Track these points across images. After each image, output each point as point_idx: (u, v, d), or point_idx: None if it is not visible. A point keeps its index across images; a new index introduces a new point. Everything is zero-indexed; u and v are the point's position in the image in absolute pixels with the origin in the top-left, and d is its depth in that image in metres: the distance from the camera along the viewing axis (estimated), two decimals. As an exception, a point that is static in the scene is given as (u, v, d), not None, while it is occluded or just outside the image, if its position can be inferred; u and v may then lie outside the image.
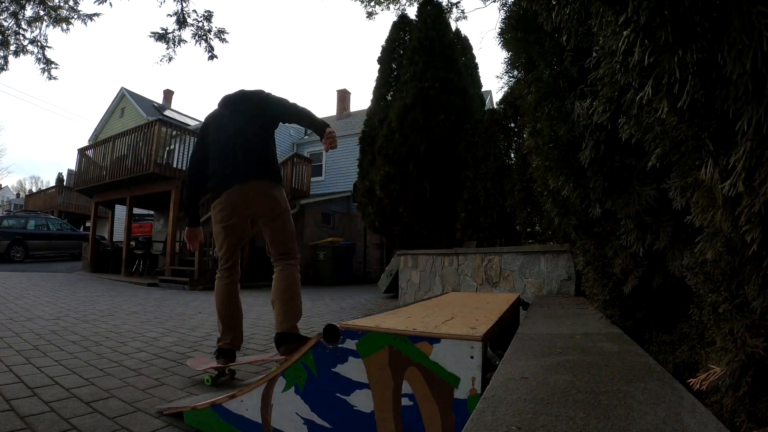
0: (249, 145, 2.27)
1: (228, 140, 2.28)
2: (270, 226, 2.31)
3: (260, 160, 2.29)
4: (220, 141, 2.32)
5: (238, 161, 2.23)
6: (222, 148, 2.29)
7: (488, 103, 11.63)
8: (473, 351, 1.10)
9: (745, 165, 0.61)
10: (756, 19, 0.54)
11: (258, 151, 2.30)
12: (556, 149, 1.49)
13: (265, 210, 2.28)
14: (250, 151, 2.27)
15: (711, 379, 0.80)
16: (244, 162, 2.23)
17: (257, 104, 2.38)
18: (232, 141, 2.27)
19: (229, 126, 2.33)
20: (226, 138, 2.30)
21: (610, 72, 0.91)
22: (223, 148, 2.29)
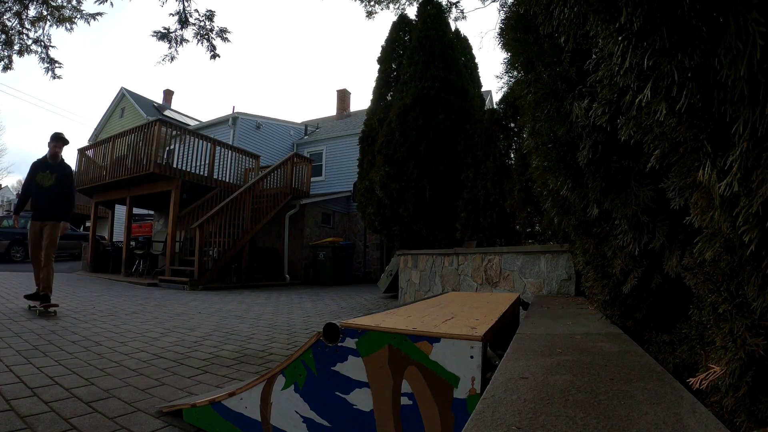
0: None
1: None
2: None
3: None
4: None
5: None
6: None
7: (488, 103, 11.64)
8: (473, 351, 1.10)
9: (741, 166, 0.61)
10: (751, 25, 0.54)
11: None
12: (555, 149, 1.50)
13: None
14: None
15: (711, 379, 0.81)
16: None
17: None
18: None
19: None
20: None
21: (609, 74, 0.92)
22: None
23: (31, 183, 4.37)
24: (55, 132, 4.47)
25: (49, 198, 4.29)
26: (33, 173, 4.37)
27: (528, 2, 1.30)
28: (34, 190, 4.33)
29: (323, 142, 15.16)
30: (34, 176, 4.34)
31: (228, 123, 14.56)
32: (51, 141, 4.42)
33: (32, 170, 4.39)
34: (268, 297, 6.87)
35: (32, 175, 4.37)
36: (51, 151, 4.39)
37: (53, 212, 4.28)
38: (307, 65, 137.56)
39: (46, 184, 4.29)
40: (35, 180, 4.31)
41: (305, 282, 10.52)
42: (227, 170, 10.37)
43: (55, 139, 4.43)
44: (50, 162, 4.36)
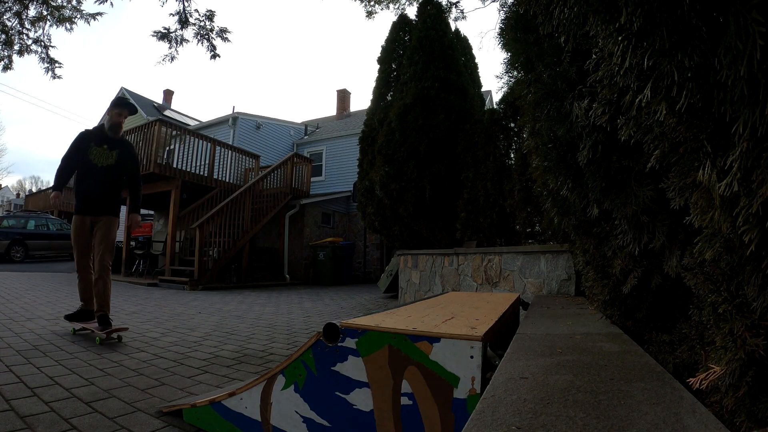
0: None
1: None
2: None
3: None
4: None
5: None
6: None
7: (488, 103, 11.64)
8: (473, 351, 1.10)
9: (741, 166, 0.61)
10: (751, 25, 0.54)
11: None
12: (555, 149, 1.50)
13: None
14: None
15: (711, 379, 0.81)
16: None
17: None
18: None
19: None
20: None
21: (609, 74, 0.92)
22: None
23: (79, 159, 3.19)
24: (118, 96, 3.56)
25: (106, 183, 3.18)
26: (82, 145, 3.18)
27: (528, 2, 1.30)
28: (83, 169, 3.18)
29: (323, 142, 15.16)
30: (85, 150, 3.16)
31: (228, 123, 14.56)
32: (114, 107, 3.23)
33: (81, 141, 3.19)
34: (268, 297, 6.87)
35: (81, 149, 3.18)
36: (113, 121, 3.21)
37: (111, 203, 3.23)
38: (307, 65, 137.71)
39: (103, 163, 3.16)
40: (87, 156, 3.15)
41: (305, 282, 10.52)
42: (227, 170, 10.37)
43: (120, 105, 3.25)
44: (110, 135, 3.20)
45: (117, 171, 3.27)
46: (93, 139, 3.20)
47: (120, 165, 3.27)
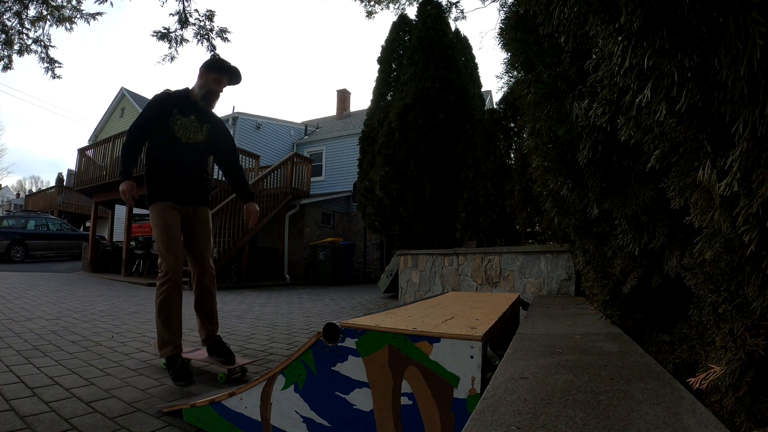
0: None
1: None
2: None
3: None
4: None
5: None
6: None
7: (488, 103, 11.64)
8: (473, 351, 1.10)
9: (741, 166, 0.61)
10: (751, 25, 0.54)
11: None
12: (555, 149, 1.50)
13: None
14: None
15: (711, 379, 0.81)
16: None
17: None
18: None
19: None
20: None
21: (609, 74, 0.92)
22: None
23: (157, 128, 2.31)
24: (216, 58, 2.41)
25: (195, 165, 2.40)
26: (163, 112, 2.30)
27: (528, 2, 1.30)
28: (162, 144, 2.32)
29: (323, 142, 15.17)
30: (166, 119, 2.29)
31: (228, 123, 14.55)
32: (209, 70, 2.34)
33: (162, 105, 2.32)
34: (268, 297, 6.87)
35: (161, 116, 2.30)
36: (209, 88, 2.35)
37: (204, 191, 2.47)
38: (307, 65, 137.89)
39: (191, 139, 2.33)
40: (169, 127, 2.28)
41: (305, 282, 10.52)
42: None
43: (218, 69, 2.35)
44: (201, 105, 2.38)
45: (206, 151, 2.50)
46: (176, 106, 2.33)
47: (211, 144, 2.46)
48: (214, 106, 2.47)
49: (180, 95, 2.43)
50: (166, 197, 2.30)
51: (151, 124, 2.32)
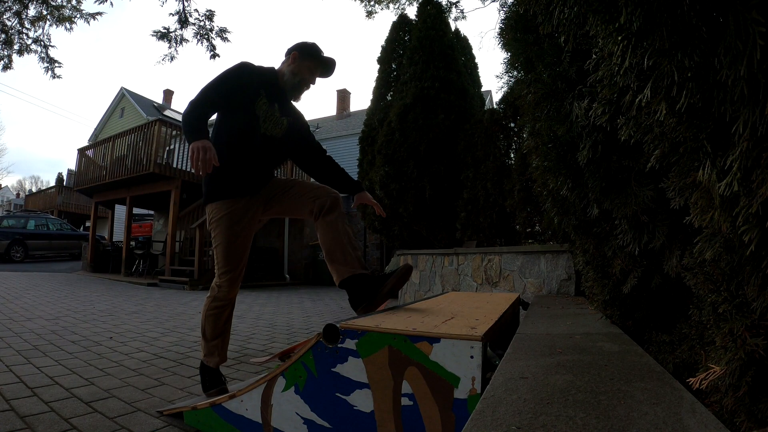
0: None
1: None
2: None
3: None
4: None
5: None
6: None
7: (488, 103, 11.64)
8: (473, 351, 1.10)
9: (741, 166, 0.61)
10: (751, 25, 0.54)
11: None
12: (555, 149, 1.50)
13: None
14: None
15: (711, 379, 0.81)
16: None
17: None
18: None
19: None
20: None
21: (609, 74, 0.92)
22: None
23: (234, 106, 1.84)
24: (310, 44, 1.98)
25: (269, 161, 2.00)
26: (248, 86, 1.84)
27: (528, 2, 1.30)
28: (237, 126, 1.86)
29: (323, 141, 15.16)
30: (252, 97, 1.84)
31: (228, 123, 14.54)
32: (304, 56, 1.94)
33: (247, 79, 1.85)
34: (268, 297, 6.87)
35: (246, 91, 1.84)
36: (301, 77, 1.95)
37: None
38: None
39: (270, 131, 1.90)
40: (250, 108, 1.85)
41: (305, 282, 10.52)
42: (227, 170, 10.36)
43: (315, 57, 1.96)
44: (288, 96, 1.99)
45: (280, 148, 2.00)
46: (265, 87, 1.88)
47: (286, 141, 2.01)
48: (300, 99, 2.05)
49: (268, 75, 1.94)
50: (237, 192, 1.86)
51: (229, 96, 1.81)
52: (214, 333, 1.97)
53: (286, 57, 1.98)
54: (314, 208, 1.90)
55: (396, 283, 1.78)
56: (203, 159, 1.58)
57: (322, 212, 1.90)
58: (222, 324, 1.99)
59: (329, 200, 1.91)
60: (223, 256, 1.88)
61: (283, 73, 1.97)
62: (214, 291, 1.95)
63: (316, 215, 1.91)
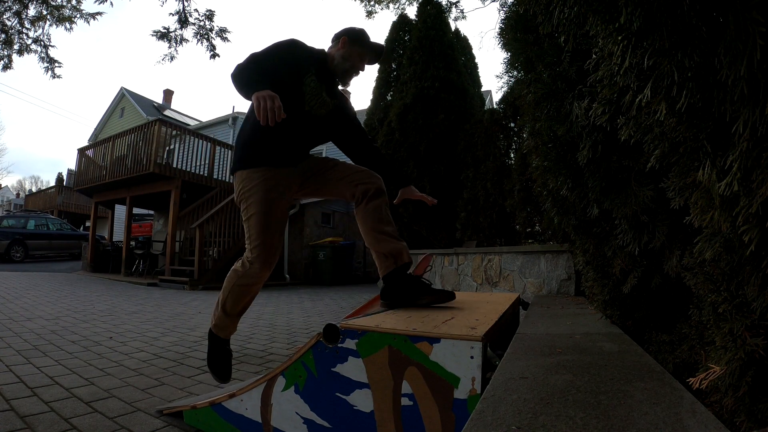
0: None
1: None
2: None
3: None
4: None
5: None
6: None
7: (488, 102, 11.64)
8: (473, 351, 1.10)
9: (741, 166, 0.61)
10: (750, 26, 0.54)
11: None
12: (555, 149, 1.50)
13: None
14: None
15: (711, 379, 0.81)
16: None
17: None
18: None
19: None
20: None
21: (609, 74, 0.92)
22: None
23: (281, 79, 1.71)
24: (361, 30, 1.94)
25: (310, 140, 1.91)
26: (297, 62, 1.78)
27: (528, 2, 1.30)
28: (286, 106, 1.55)
29: (323, 142, 15.15)
30: (300, 74, 1.77)
31: (228, 123, 14.56)
32: (358, 44, 1.89)
33: (298, 53, 1.81)
34: (268, 297, 6.87)
35: (294, 66, 1.77)
36: (351, 63, 1.89)
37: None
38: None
39: (314, 109, 1.82)
40: (297, 84, 1.77)
41: (305, 282, 10.52)
42: (227, 170, 10.37)
43: (366, 44, 1.91)
44: (337, 77, 1.92)
45: (324, 129, 1.93)
46: (315, 66, 1.83)
47: (329, 123, 1.93)
48: (349, 84, 1.99)
49: (319, 55, 1.88)
50: (270, 160, 1.73)
51: (277, 67, 1.69)
52: (236, 309, 1.81)
53: (335, 42, 1.93)
54: (357, 193, 1.83)
55: (434, 300, 1.78)
56: (271, 108, 1.45)
57: (366, 198, 1.82)
58: (248, 301, 1.85)
59: (374, 186, 1.84)
60: (257, 228, 1.71)
61: (333, 56, 1.91)
62: (244, 266, 1.76)
63: (359, 200, 1.83)
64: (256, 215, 1.71)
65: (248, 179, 1.73)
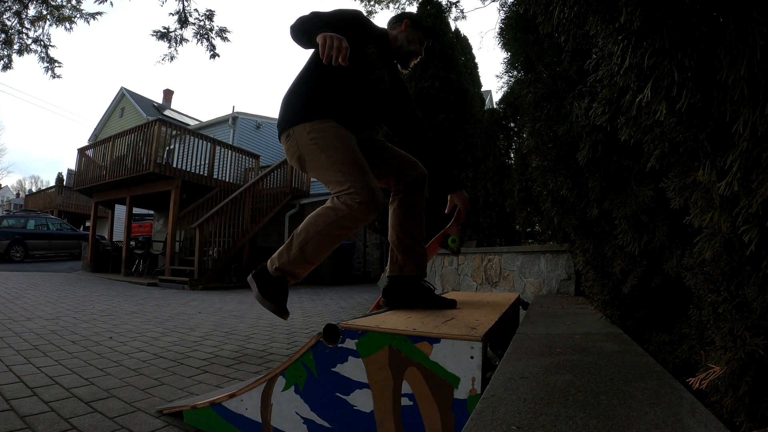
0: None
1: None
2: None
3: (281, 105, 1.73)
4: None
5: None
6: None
7: (488, 102, 11.64)
8: (473, 351, 1.10)
9: (741, 165, 0.61)
10: (750, 25, 0.54)
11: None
12: (554, 149, 1.50)
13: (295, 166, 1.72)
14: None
15: (710, 379, 0.81)
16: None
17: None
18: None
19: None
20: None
21: (609, 74, 0.92)
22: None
23: (345, 34, 1.47)
24: (419, 16, 2.10)
25: (372, 112, 1.81)
26: (359, 31, 1.71)
27: (528, 2, 1.30)
28: (345, 74, 1.64)
29: (323, 141, 15.15)
30: (360, 44, 1.66)
31: (228, 123, 14.56)
32: (419, 29, 1.88)
33: (361, 23, 1.77)
34: (268, 297, 6.86)
35: (355, 36, 1.63)
36: (411, 48, 1.86)
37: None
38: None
39: (373, 83, 1.74)
40: (360, 54, 1.67)
41: (305, 282, 10.52)
42: (227, 170, 10.37)
43: (424, 29, 1.90)
44: (397, 58, 1.88)
45: (380, 109, 1.84)
46: (376, 40, 1.78)
47: (387, 106, 1.86)
48: (410, 68, 1.94)
49: (382, 33, 1.84)
50: (336, 114, 1.64)
51: (341, 29, 1.51)
52: (317, 255, 1.61)
53: (396, 23, 1.88)
54: (401, 182, 1.76)
55: (435, 307, 1.75)
56: (338, 47, 1.37)
57: (406, 191, 1.74)
58: (333, 248, 1.66)
59: (419, 179, 1.75)
60: (342, 166, 1.54)
61: (395, 37, 1.86)
62: (344, 207, 1.52)
63: (399, 190, 1.76)
64: (336, 154, 1.56)
65: (316, 129, 1.60)
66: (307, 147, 1.62)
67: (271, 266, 1.65)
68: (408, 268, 1.76)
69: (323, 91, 1.64)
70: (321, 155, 1.59)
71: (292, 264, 1.60)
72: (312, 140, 1.60)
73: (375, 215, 1.54)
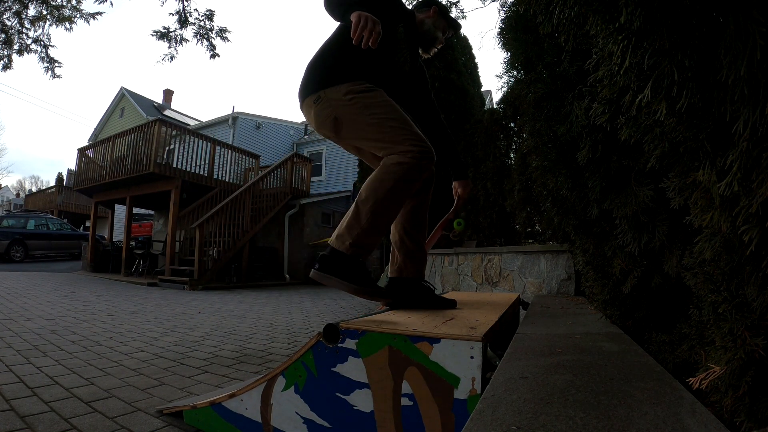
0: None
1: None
2: (346, 146, 1.77)
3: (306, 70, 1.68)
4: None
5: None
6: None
7: (488, 102, 11.64)
8: (473, 351, 1.10)
9: (741, 165, 0.61)
10: (750, 25, 0.54)
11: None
12: (554, 149, 1.50)
13: (325, 135, 1.68)
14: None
15: (710, 379, 0.81)
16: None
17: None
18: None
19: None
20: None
21: (609, 74, 0.92)
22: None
23: (377, 11, 1.46)
24: (443, 4, 2.10)
25: (395, 88, 1.76)
26: (389, 10, 1.70)
27: (528, 2, 1.30)
28: (373, 51, 1.48)
29: (323, 141, 15.15)
30: (389, 23, 1.64)
31: (228, 123, 14.56)
32: (445, 18, 1.91)
33: (393, 3, 1.77)
34: (268, 297, 6.87)
35: (385, 13, 1.58)
36: (434, 35, 1.88)
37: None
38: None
39: (400, 65, 1.77)
40: (390, 28, 1.66)
41: (305, 282, 10.52)
42: (227, 170, 10.37)
43: (452, 21, 1.94)
44: (420, 41, 1.88)
45: (399, 90, 1.80)
46: (404, 22, 1.77)
47: (406, 87, 1.84)
48: (431, 54, 1.95)
49: (410, 16, 1.82)
50: (373, 78, 1.60)
51: (374, 5, 1.50)
52: (387, 219, 1.52)
53: (424, 8, 1.87)
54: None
55: (437, 307, 1.75)
56: (371, 29, 1.34)
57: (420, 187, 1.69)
58: (399, 211, 1.59)
59: (430, 175, 1.71)
60: (392, 122, 1.50)
61: (423, 21, 1.85)
62: (406, 159, 1.46)
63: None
64: (385, 108, 1.52)
65: (353, 90, 1.54)
66: (345, 107, 1.53)
67: (342, 244, 1.49)
68: (408, 270, 1.78)
69: (354, 57, 1.59)
70: (365, 113, 1.51)
71: (367, 234, 1.48)
72: (351, 100, 1.52)
73: (433, 164, 1.54)
